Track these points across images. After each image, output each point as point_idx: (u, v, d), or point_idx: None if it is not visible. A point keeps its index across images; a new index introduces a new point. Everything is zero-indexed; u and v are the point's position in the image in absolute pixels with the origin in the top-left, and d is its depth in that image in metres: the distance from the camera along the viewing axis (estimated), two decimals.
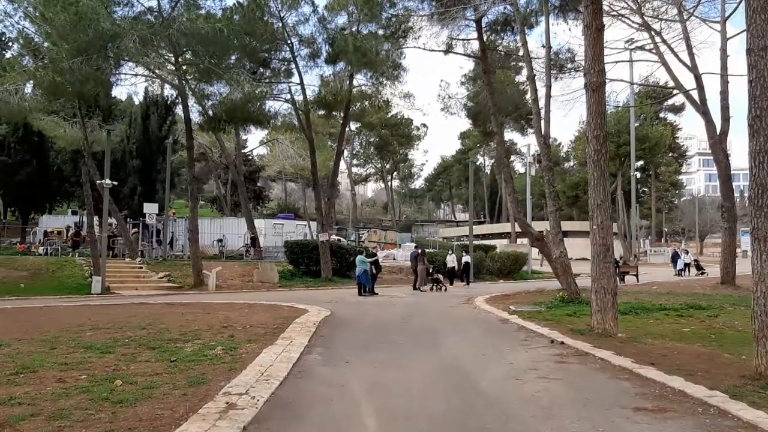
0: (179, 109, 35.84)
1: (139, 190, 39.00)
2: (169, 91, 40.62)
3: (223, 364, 7.58)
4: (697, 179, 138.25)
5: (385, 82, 26.66)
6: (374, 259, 22.87)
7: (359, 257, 21.83)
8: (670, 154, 73.26)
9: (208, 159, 59.01)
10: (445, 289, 23.34)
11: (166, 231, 31.54)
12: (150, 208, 30.36)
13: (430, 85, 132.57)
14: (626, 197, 56.37)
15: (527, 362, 8.09)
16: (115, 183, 23.72)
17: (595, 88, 11.32)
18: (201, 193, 74.24)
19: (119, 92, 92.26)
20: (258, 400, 5.70)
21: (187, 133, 24.94)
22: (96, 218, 24.92)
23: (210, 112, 25.28)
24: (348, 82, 26.83)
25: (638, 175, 56.68)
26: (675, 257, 38.68)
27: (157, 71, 23.58)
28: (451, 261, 27.59)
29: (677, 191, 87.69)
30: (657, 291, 21.67)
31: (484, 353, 8.81)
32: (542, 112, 19.05)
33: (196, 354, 8.29)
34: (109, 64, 20.88)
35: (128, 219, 36.19)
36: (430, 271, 24.03)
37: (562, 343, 9.63)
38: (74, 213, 41.57)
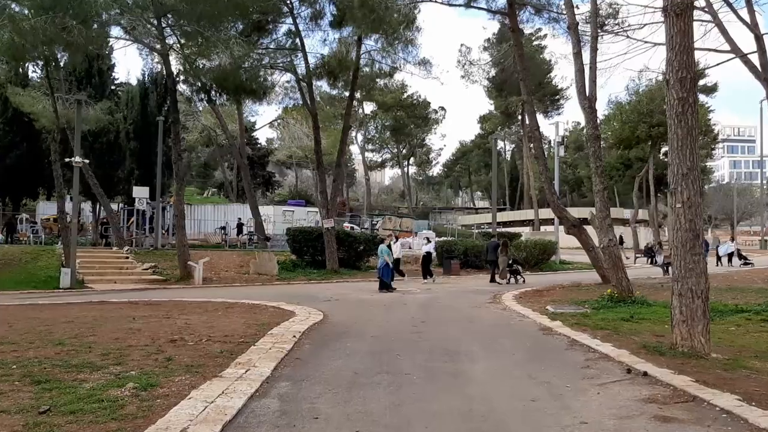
0: (181, 87, 33.08)
1: (137, 174, 36.29)
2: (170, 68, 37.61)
3: (111, 423, 4.63)
4: (721, 166, 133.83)
5: (397, 45, 23.28)
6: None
7: (381, 247, 19.30)
8: (702, 138, 69.28)
9: (214, 143, 56.31)
10: (524, 281, 20.65)
11: (158, 218, 28.81)
12: (140, 193, 27.80)
13: (449, 53, 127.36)
14: (657, 183, 52.43)
15: (608, 420, 4.95)
16: (86, 161, 20.89)
17: (679, 12, 8.11)
18: (210, 180, 71.94)
19: (123, 75, 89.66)
20: None
21: (172, 104, 21.99)
22: (90, 203, 22.35)
23: (200, 80, 22.32)
24: (356, 48, 23.56)
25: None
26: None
27: (136, 33, 20.64)
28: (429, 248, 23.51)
29: (705, 177, 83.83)
30: (715, 286, 18.73)
31: (533, 397, 5.65)
32: (587, 70, 15.78)
33: (88, 397, 5.35)
34: (77, 23, 17.96)
35: (125, 205, 33.71)
36: (510, 262, 21.18)
37: (646, 374, 6.53)
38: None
